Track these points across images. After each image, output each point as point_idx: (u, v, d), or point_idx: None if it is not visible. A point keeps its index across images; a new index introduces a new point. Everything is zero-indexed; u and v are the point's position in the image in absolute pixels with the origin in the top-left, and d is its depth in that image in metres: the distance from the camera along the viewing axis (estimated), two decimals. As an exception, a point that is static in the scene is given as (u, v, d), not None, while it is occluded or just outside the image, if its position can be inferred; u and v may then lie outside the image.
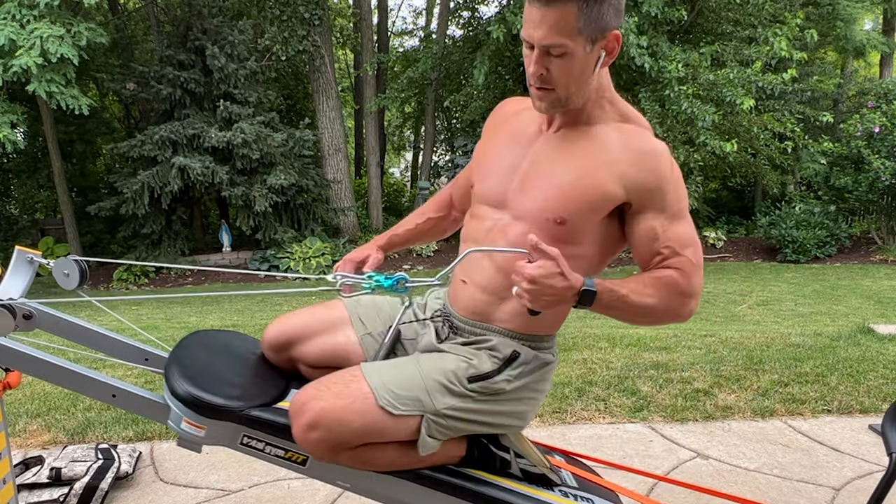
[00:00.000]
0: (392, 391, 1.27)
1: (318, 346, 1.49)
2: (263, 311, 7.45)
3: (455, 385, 1.30)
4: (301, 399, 1.28)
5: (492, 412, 1.34)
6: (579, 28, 1.17)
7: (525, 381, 1.35)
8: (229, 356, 1.54)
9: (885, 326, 4.62)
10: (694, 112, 9.02)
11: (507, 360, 1.33)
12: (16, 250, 1.43)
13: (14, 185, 14.92)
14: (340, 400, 1.26)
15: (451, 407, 1.30)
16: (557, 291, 1.14)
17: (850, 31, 13.44)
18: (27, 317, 1.39)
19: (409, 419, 1.28)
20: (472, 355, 1.34)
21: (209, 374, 1.40)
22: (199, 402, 1.30)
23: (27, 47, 8.55)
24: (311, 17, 11.97)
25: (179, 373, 1.35)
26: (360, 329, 1.50)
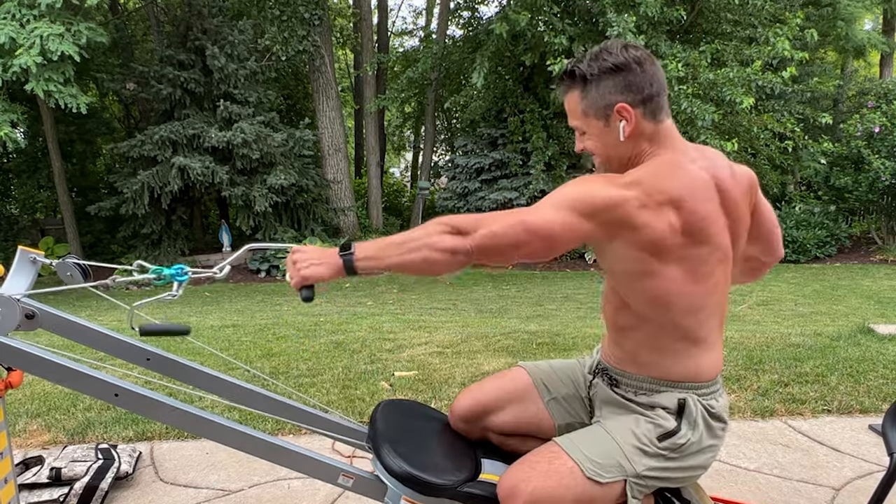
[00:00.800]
0: (594, 461, 1.32)
1: (510, 416, 1.57)
2: (263, 311, 7.45)
3: (648, 447, 1.34)
4: (511, 482, 1.33)
5: (683, 467, 1.37)
6: (584, 111, 1.34)
7: (703, 429, 1.37)
8: (423, 428, 1.64)
9: (885, 326, 4.61)
10: (694, 111, 9.02)
11: (678, 411, 1.36)
12: (19, 250, 1.43)
13: (14, 185, 14.92)
14: (549, 479, 1.30)
15: (649, 468, 1.34)
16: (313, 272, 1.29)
17: (850, 30, 13.44)
18: (29, 316, 1.39)
19: (615, 485, 1.32)
20: (654, 416, 1.37)
21: (417, 450, 1.48)
22: (418, 481, 1.38)
23: (27, 46, 8.56)
24: (311, 17, 11.98)
25: (393, 450, 1.44)
26: (546, 395, 1.57)
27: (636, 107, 1.30)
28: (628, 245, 1.25)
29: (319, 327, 5.44)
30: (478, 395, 1.60)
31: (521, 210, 1.26)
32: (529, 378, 1.60)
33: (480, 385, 1.64)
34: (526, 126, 12.29)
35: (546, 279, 10.16)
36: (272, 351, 4.43)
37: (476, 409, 1.59)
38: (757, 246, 1.53)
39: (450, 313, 6.91)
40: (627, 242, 1.24)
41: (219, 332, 5.38)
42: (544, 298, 8.14)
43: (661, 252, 1.25)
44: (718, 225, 1.30)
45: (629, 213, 1.21)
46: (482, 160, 12.81)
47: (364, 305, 7.80)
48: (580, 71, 1.32)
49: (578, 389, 1.57)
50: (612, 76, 1.30)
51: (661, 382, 1.37)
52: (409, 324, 5.56)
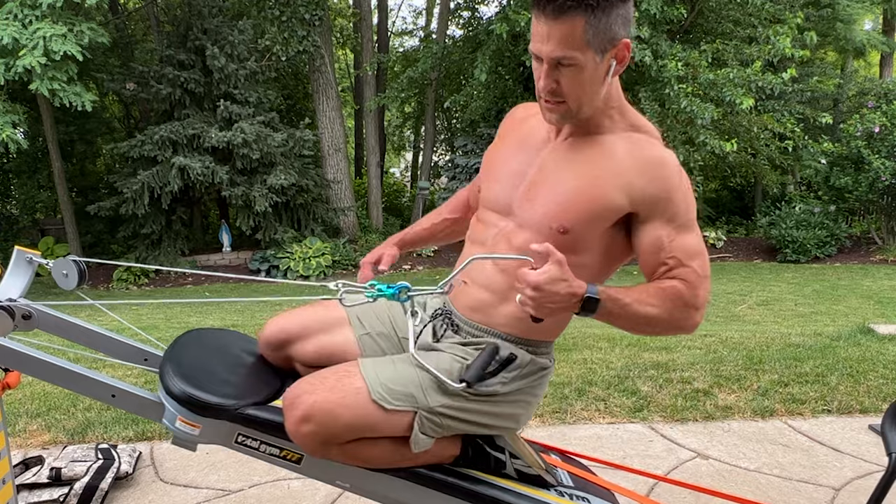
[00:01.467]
0: (386, 386, 1.27)
1: (316, 345, 1.48)
2: (263, 311, 7.45)
3: (449, 384, 1.30)
4: (294, 393, 1.28)
5: (485, 413, 1.34)
6: (587, 40, 1.16)
7: (520, 384, 1.35)
8: (225, 355, 1.54)
9: (885, 326, 4.61)
10: (694, 110, 9.02)
11: (503, 362, 1.33)
12: (15, 250, 1.43)
13: (14, 185, 14.92)
14: (333, 394, 1.25)
15: (444, 405, 1.29)
16: (561, 298, 1.13)
17: (849, 31, 13.45)
18: (26, 317, 1.39)
19: (402, 415, 1.28)
20: (467, 355, 1.34)
21: (204, 372, 1.40)
22: (194, 401, 1.30)
23: (30, 47, 8.57)
24: (312, 17, 11.98)
25: (174, 371, 1.35)
26: (359, 329, 1.49)
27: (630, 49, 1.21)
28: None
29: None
30: (283, 322, 1.51)
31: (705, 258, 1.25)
32: (343, 310, 1.51)
33: (292, 311, 1.54)
34: (526, 126, 12.27)
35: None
36: (272, 351, 4.43)
37: (280, 335, 1.50)
38: None
39: (450, 313, 6.90)
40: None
41: (219, 332, 5.37)
42: (544, 298, 8.13)
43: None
44: None
45: None
46: (482, 160, 12.81)
47: (364, 305, 7.79)
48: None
49: (396, 329, 1.51)
50: (620, 5, 1.16)
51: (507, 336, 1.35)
52: (409, 324, 5.55)
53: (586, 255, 1.29)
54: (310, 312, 1.53)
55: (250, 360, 1.54)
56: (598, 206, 1.25)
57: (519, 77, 12.79)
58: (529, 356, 1.35)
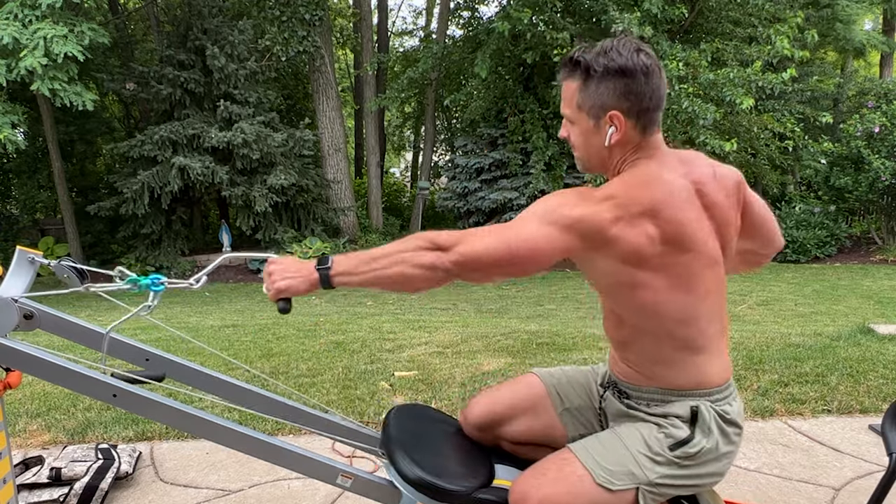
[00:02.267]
0: (606, 468, 1.31)
1: (523, 425, 1.56)
2: (263, 311, 7.45)
3: (660, 456, 1.33)
4: (521, 489, 1.33)
5: (697, 475, 1.35)
6: (579, 103, 1.30)
7: (717, 436, 1.35)
8: (435, 433, 1.63)
9: (885, 326, 4.61)
10: (695, 110, 9.02)
11: (691, 419, 1.34)
12: (17, 250, 1.43)
13: (14, 186, 14.93)
14: (559, 485, 1.30)
15: (662, 475, 1.32)
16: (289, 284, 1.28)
17: (848, 31, 13.45)
18: (28, 317, 1.39)
19: (626, 493, 1.31)
20: (666, 424, 1.36)
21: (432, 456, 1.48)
22: (432, 487, 1.38)
23: (31, 48, 8.58)
24: (312, 17, 11.98)
25: (407, 456, 1.43)
26: (559, 405, 1.56)
27: (629, 118, 1.27)
28: (608, 258, 1.24)
29: (319, 327, 5.44)
30: (490, 404, 1.59)
31: (501, 226, 1.24)
32: (543, 387, 1.58)
33: (493, 392, 1.63)
34: (526, 126, 12.29)
35: (546, 279, 10.16)
36: (272, 351, 4.44)
37: (488, 417, 1.59)
38: (754, 241, 1.53)
39: (450, 313, 6.91)
40: (607, 256, 1.23)
41: (219, 332, 5.38)
42: (544, 298, 8.15)
43: (641, 262, 1.23)
44: (702, 230, 1.28)
45: (604, 228, 1.20)
46: (482, 160, 12.81)
47: (364, 305, 7.81)
48: (585, 62, 1.27)
49: (592, 400, 1.56)
50: (615, 78, 1.25)
51: (671, 392, 1.36)
52: (409, 324, 5.56)
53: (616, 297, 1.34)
54: (512, 392, 1.60)
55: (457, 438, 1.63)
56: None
57: (519, 77, 12.80)
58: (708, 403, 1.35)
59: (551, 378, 1.60)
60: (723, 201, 1.33)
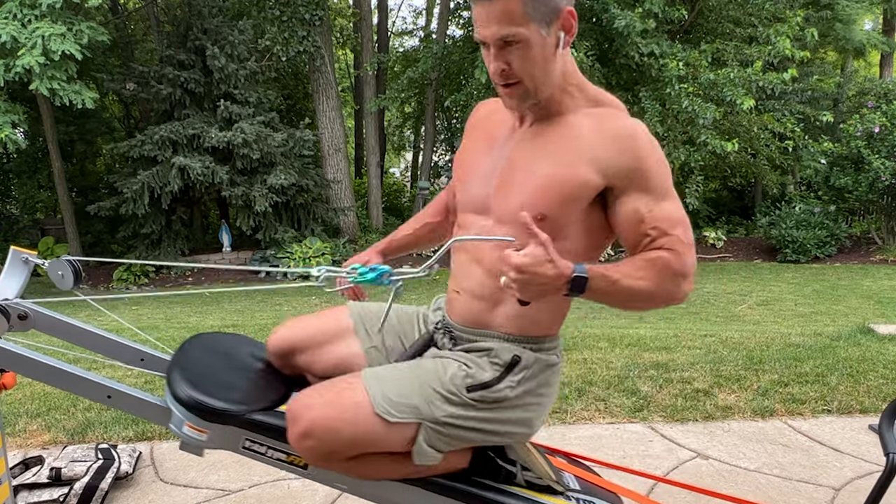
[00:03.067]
0: (388, 398, 1.25)
1: (323, 356, 1.47)
2: (263, 311, 7.45)
3: (454, 395, 1.27)
4: (295, 407, 1.27)
5: (495, 420, 1.30)
6: (528, 13, 1.15)
7: (528, 385, 1.31)
8: (232, 360, 1.54)
9: (885, 326, 4.61)
10: (695, 110, 9.02)
11: (509, 365, 1.29)
12: (11, 250, 1.42)
13: (14, 185, 14.93)
14: (332, 409, 1.24)
15: (450, 415, 1.26)
16: (547, 279, 1.08)
17: (848, 31, 13.44)
18: (22, 317, 1.38)
19: (406, 427, 1.25)
20: (471, 363, 1.30)
21: (211, 377, 1.40)
22: (201, 406, 1.30)
23: (29, 47, 8.57)
24: (312, 17, 11.97)
25: (181, 376, 1.35)
26: (366, 341, 1.47)
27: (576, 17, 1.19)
28: None
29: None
30: (289, 332, 1.50)
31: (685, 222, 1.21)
32: (351, 320, 1.49)
33: (298, 320, 1.53)
34: (526, 126, 12.27)
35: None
36: (272, 351, 4.42)
37: (285, 346, 1.49)
38: None
39: (450, 313, 6.90)
40: None
41: (218, 332, 5.37)
42: (544, 298, 8.12)
43: None
44: None
45: None
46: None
47: (364, 305, 7.79)
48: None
49: (404, 342, 1.48)
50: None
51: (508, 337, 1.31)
52: (409, 324, 5.55)
53: (568, 239, 1.25)
54: (315, 322, 1.51)
55: (258, 365, 1.53)
56: (571, 187, 1.21)
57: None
58: (534, 355, 1.31)
59: (364, 312, 1.51)
60: None
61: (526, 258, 1.07)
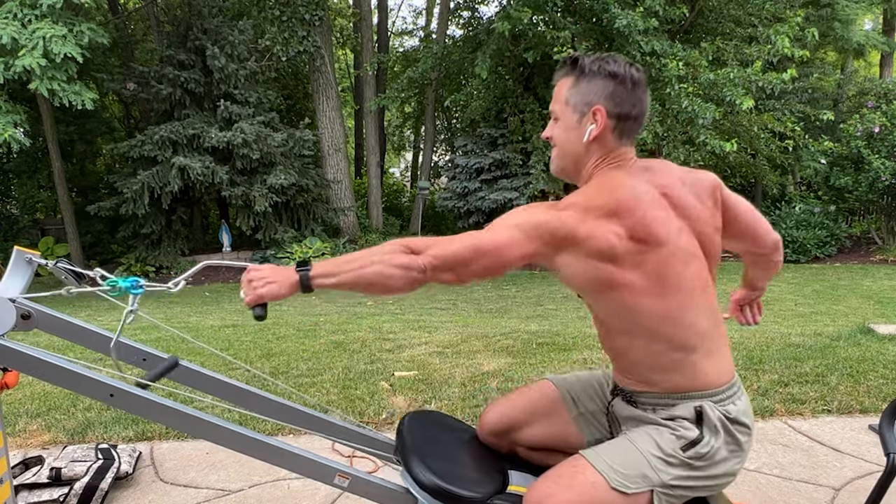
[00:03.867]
0: (619, 472, 1.32)
1: (538, 431, 1.59)
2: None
3: (673, 457, 1.34)
4: (536, 497, 1.34)
5: (709, 476, 1.37)
6: (567, 98, 1.40)
7: (723, 436, 1.37)
8: (450, 440, 1.64)
9: (885, 326, 4.61)
10: (695, 110, 9.02)
11: (697, 419, 1.36)
12: (14, 250, 1.43)
13: (14, 185, 14.93)
14: (572, 492, 1.32)
15: (675, 477, 1.33)
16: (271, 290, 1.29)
17: (848, 31, 13.44)
18: (25, 317, 1.38)
19: (641, 496, 1.32)
20: (676, 426, 1.37)
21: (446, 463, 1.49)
22: (448, 494, 1.39)
23: (30, 47, 8.57)
24: (312, 17, 11.98)
25: (422, 463, 1.44)
26: (573, 410, 1.58)
27: (611, 118, 1.36)
28: (578, 256, 1.28)
29: (319, 327, 5.44)
30: (506, 410, 1.62)
31: (471, 233, 1.32)
32: (557, 392, 1.61)
33: (508, 398, 1.66)
34: (526, 126, 12.29)
35: (546, 279, 10.15)
36: (272, 351, 4.43)
37: (504, 422, 1.61)
38: (743, 240, 1.59)
39: (450, 313, 6.91)
40: (578, 255, 1.28)
41: (219, 332, 5.38)
42: (544, 298, 8.14)
43: (614, 259, 1.27)
44: (671, 226, 1.32)
45: (570, 229, 1.26)
46: (482, 160, 12.81)
47: (364, 305, 7.80)
48: (581, 62, 1.39)
49: (603, 404, 1.58)
50: (605, 79, 1.36)
51: (674, 395, 1.38)
52: (409, 324, 5.56)
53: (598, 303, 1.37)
54: (527, 397, 1.63)
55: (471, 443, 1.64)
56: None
57: (519, 77, 12.79)
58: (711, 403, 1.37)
59: (565, 383, 1.63)
60: (693, 201, 1.39)
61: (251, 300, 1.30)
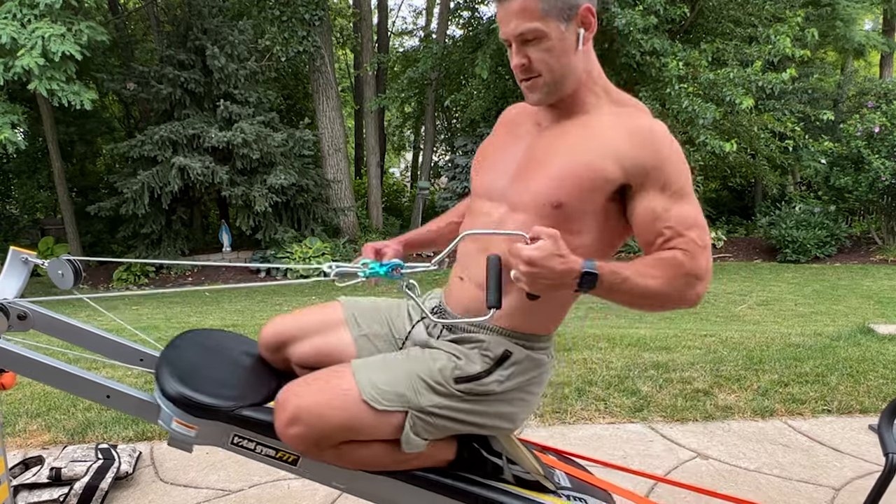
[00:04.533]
0: (377, 387, 1.26)
1: (312, 346, 1.47)
2: (263, 310, 7.45)
3: (441, 386, 1.28)
4: (284, 395, 1.28)
5: (480, 412, 1.31)
6: (544, 9, 1.19)
7: (517, 381, 1.31)
8: (222, 356, 1.54)
9: (885, 326, 4.61)
10: (695, 110, 9.02)
11: (498, 359, 1.30)
12: (10, 251, 1.42)
13: (14, 186, 14.93)
14: (322, 395, 1.26)
15: (436, 405, 1.27)
16: (556, 274, 1.09)
17: (849, 31, 13.44)
18: (21, 317, 1.38)
19: (393, 416, 1.26)
20: (461, 354, 1.31)
21: (200, 373, 1.40)
22: (189, 402, 1.30)
23: (28, 47, 8.57)
24: (312, 17, 11.98)
25: (169, 372, 1.35)
26: (356, 330, 1.48)
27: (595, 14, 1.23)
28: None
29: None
30: (280, 324, 1.52)
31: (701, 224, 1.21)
32: (342, 311, 1.51)
33: (291, 313, 1.56)
34: (526, 126, 12.28)
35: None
36: (272, 351, 4.42)
37: (277, 337, 1.50)
38: None
39: (450, 313, 6.90)
40: None
41: (218, 332, 5.36)
42: (544, 298, 8.13)
43: None
44: None
45: None
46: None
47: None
48: None
49: (393, 330, 1.49)
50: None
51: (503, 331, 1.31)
52: (409, 324, 5.55)
53: (583, 234, 1.26)
54: (307, 314, 1.53)
55: (248, 361, 1.53)
56: (590, 177, 1.22)
57: (519, 77, 12.79)
58: (525, 352, 1.32)
59: (354, 304, 1.53)
60: None
61: (536, 251, 1.08)
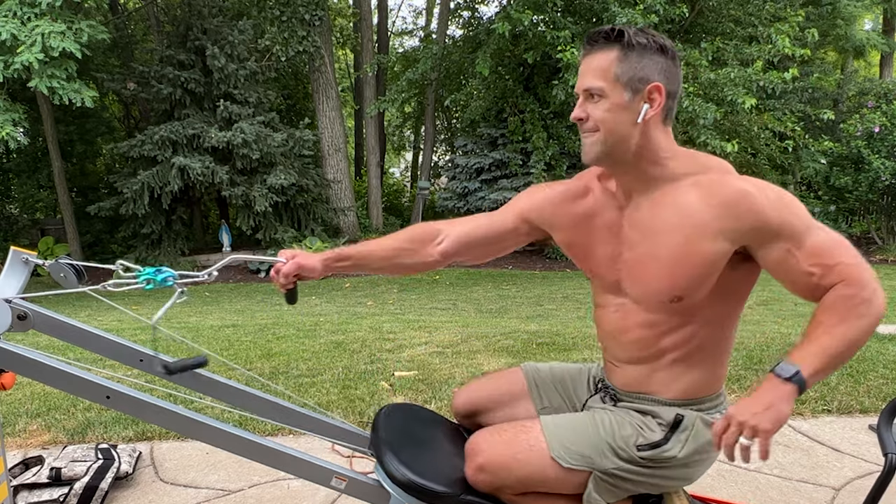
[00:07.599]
0: (564, 444, 1.32)
1: (501, 419, 1.56)
2: (263, 310, 7.45)
3: (624, 451, 1.32)
4: (475, 441, 1.39)
5: (661, 476, 1.35)
6: (616, 74, 1.21)
7: (694, 445, 1.33)
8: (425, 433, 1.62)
9: (885, 326, 4.61)
10: (695, 110, 9.01)
11: (672, 425, 1.33)
12: (11, 251, 1.42)
13: (14, 185, 14.92)
14: (508, 448, 1.33)
15: (621, 469, 1.31)
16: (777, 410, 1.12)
17: (850, 30, 13.44)
18: (22, 317, 1.38)
19: (578, 474, 1.31)
20: (643, 424, 1.35)
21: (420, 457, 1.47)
22: (421, 489, 1.37)
23: (28, 44, 8.57)
24: (312, 17, 11.98)
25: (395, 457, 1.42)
26: (538, 403, 1.56)
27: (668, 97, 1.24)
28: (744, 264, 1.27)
29: (319, 327, 5.44)
30: (472, 394, 1.63)
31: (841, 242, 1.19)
32: (525, 383, 1.59)
33: (478, 382, 1.67)
34: (526, 126, 12.28)
35: (546, 279, 10.15)
36: (272, 351, 4.43)
37: (468, 408, 1.62)
38: None
39: (450, 313, 6.91)
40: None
41: (219, 332, 5.38)
42: (544, 298, 8.14)
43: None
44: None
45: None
46: (482, 160, 12.81)
47: (364, 305, 7.80)
48: (627, 34, 1.21)
49: (573, 401, 1.56)
50: (657, 54, 1.22)
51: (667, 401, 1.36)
52: (409, 324, 5.55)
53: (712, 307, 1.29)
54: (495, 384, 1.63)
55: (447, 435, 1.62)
56: (701, 263, 1.22)
57: (519, 77, 12.79)
58: (696, 414, 1.34)
59: (535, 374, 1.60)
60: None
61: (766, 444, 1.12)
